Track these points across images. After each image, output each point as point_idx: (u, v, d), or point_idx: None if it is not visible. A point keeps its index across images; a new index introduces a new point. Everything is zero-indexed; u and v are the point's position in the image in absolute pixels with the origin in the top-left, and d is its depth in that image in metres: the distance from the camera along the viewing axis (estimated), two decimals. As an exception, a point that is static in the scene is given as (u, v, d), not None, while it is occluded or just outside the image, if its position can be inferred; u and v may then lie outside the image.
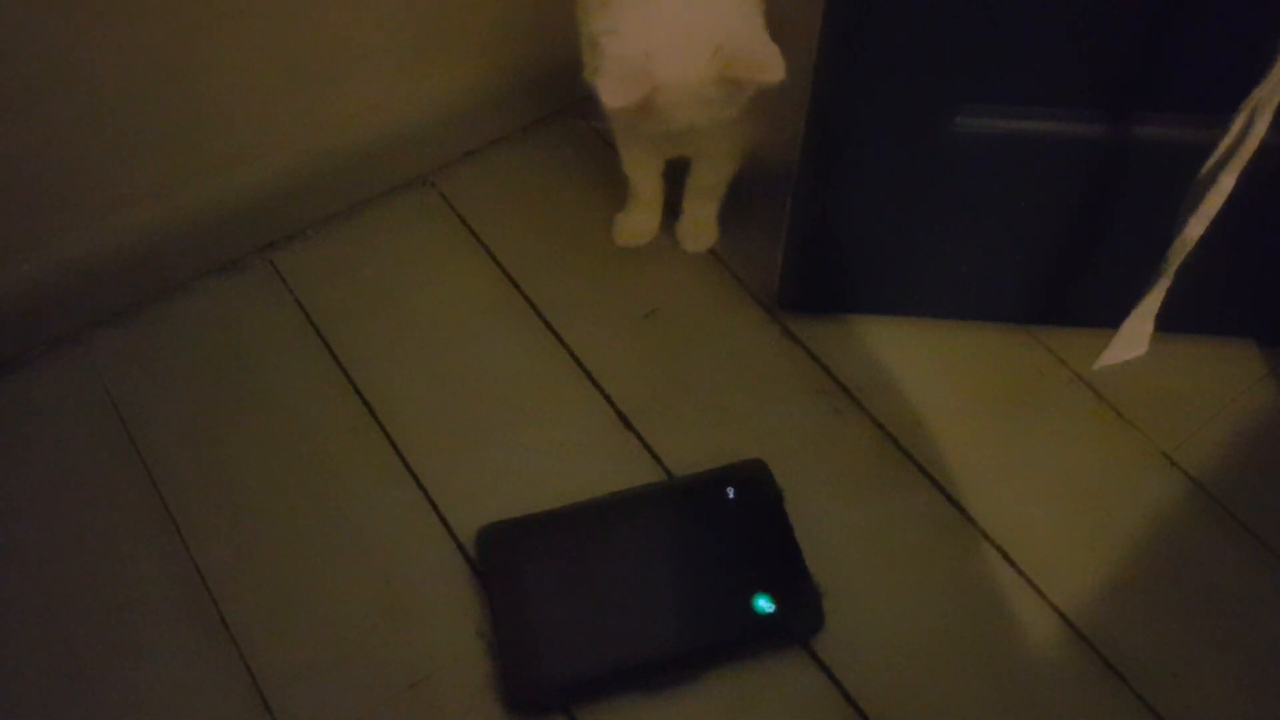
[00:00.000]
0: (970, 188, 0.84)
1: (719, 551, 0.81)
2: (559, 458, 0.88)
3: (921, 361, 0.93)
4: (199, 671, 0.79)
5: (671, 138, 0.90)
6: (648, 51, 0.75)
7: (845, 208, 0.87)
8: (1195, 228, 0.71)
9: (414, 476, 0.87)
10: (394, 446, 0.89)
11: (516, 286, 0.98)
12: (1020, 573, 0.83)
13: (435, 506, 0.86)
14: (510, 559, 0.82)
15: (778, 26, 0.78)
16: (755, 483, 0.84)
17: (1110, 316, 0.86)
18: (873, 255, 0.91)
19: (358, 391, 0.92)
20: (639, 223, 1.00)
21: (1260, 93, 0.65)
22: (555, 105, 1.08)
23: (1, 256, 0.89)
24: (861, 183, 0.85)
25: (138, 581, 0.83)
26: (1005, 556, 0.84)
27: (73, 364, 0.93)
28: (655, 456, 0.88)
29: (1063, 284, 0.92)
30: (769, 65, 0.75)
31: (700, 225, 0.99)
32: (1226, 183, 0.68)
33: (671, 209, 1.00)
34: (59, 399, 0.91)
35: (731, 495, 0.83)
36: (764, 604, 0.79)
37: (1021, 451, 0.89)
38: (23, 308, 0.92)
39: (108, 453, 0.88)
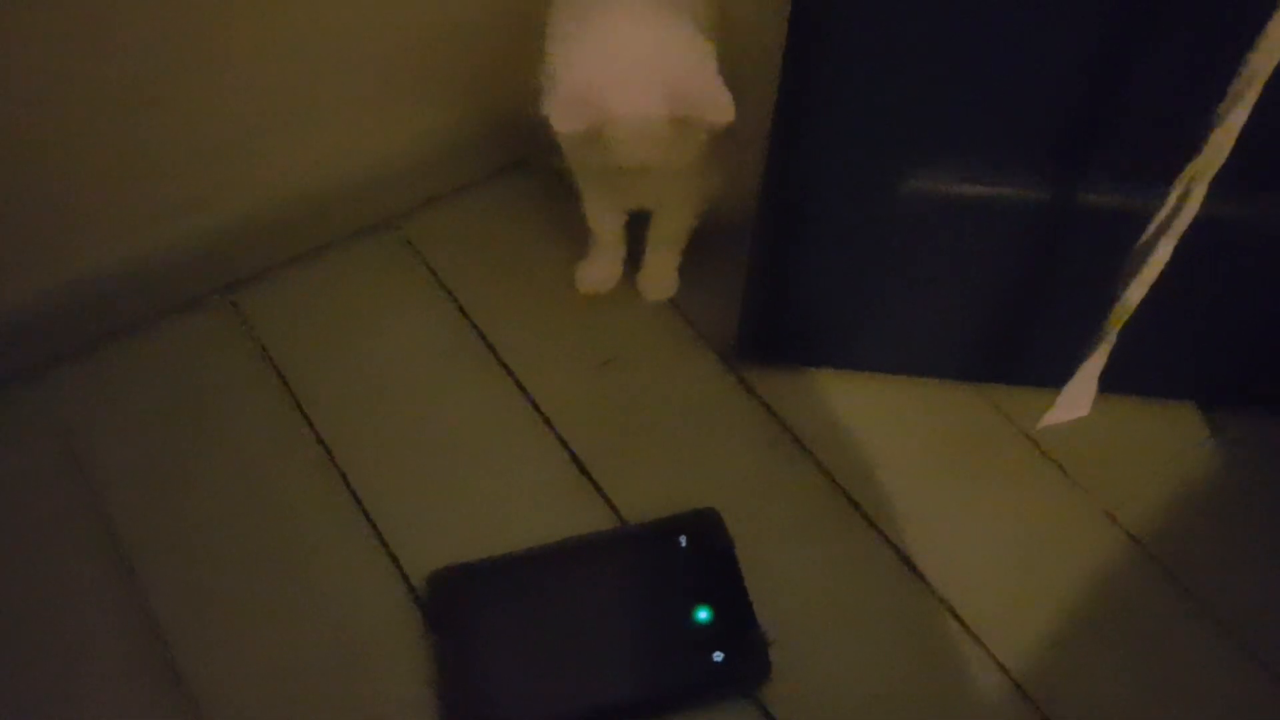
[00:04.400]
0: (920, 248, 0.86)
1: (670, 600, 0.82)
2: (515, 503, 0.89)
3: (874, 415, 0.95)
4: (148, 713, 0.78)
5: (630, 185, 0.92)
6: (600, 83, 0.78)
7: (801, 263, 0.89)
8: (1135, 293, 0.73)
9: (369, 520, 0.88)
10: (350, 490, 0.89)
11: (478, 332, 0.99)
12: (965, 626, 0.84)
13: (389, 549, 0.86)
14: (460, 604, 0.82)
15: (735, 82, 0.80)
16: (707, 531, 0.85)
17: (1056, 375, 0.88)
18: (828, 310, 0.93)
19: (316, 434, 0.92)
20: (600, 271, 1.01)
21: (1195, 166, 0.68)
22: (521, 153, 1.10)
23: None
24: (816, 239, 0.87)
25: (88, 628, 0.82)
26: (951, 611, 0.85)
27: (27, 400, 0.93)
28: (610, 504, 0.89)
29: (1010, 343, 0.94)
30: (718, 106, 0.77)
31: (660, 275, 1.01)
32: (1164, 251, 0.71)
33: (633, 258, 1.02)
34: (11, 434, 0.91)
35: (683, 543, 0.84)
36: (713, 654, 0.79)
37: (969, 506, 0.90)
38: None
39: (60, 493, 0.88)
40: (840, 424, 0.94)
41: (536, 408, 0.95)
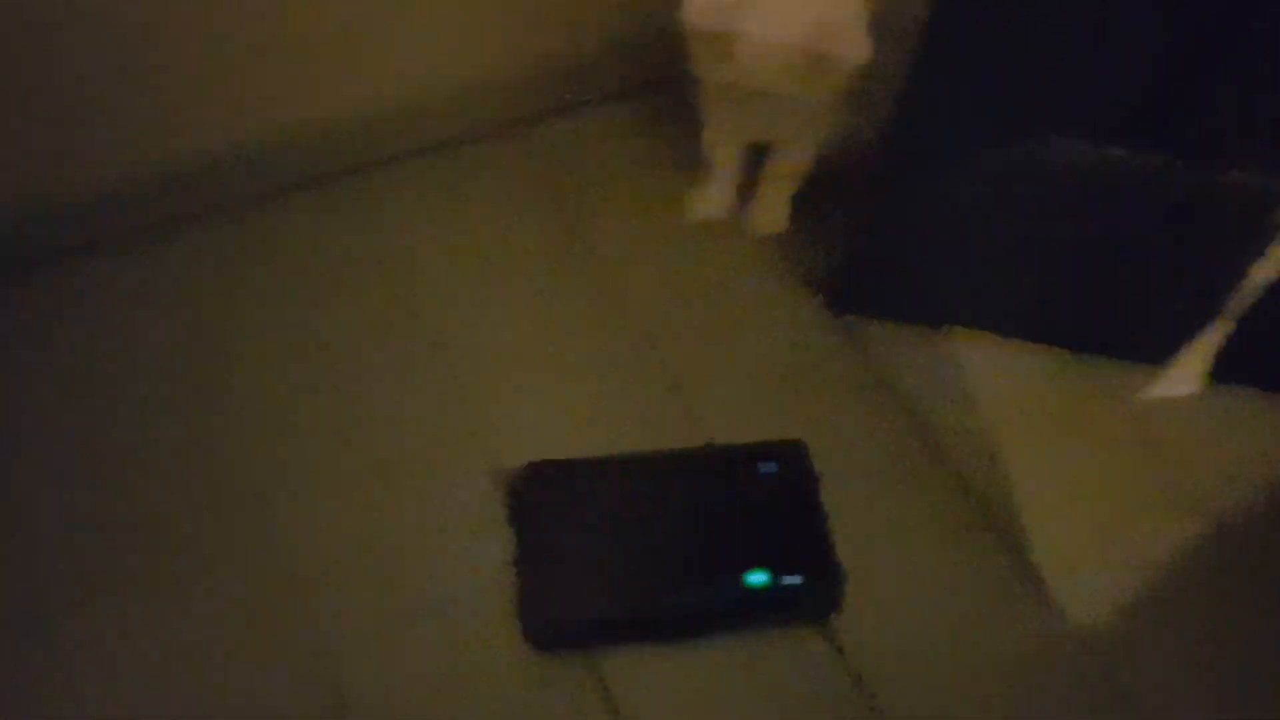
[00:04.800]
0: (1042, 212, 0.85)
1: (751, 521, 0.83)
2: (606, 411, 0.90)
3: (969, 373, 0.95)
4: (240, 570, 0.82)
5: (754, 113, 0.92)
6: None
7: (915, 217, 0.89)
8: (1263, 273, 0.72)
9: (463, 407, 0.90)
10: (447, 374, 0.91)
11: (587, 244, 1.00)
12: (1041, 587, 0.84)
13: (479, 435, 0.88)
14: (547, 498, 0.84)
15: (875, 27, 0.80)
16: (794, 461, 0.86)
17: (1163, 354, 0.88)
18: (935, 265, 0.93)
19: (419, 319, 0.94)
20: (712, 200, 1.02)
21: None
22: (646, 76, 1.10)
23: (90, 153, 0.92)
24: (935, 194, 0.86)
25: (185, 477, 0.86)
26: (1030, 571, 0.85)
27: (156, 259, 0.97)
28: (698, 424, 0.90)
29: (1118, 315, 0.93)
30: (855, 47, 0.77)
31: (771, 210, 1.01)
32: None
33: (745, 193, 1.02)
34: (146, 293, 0.95)
35: (769, 470, 0.85)
36: (789, 579, 0.80)
37: (1056, 471, 0.90)
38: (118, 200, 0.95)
39: (187, 349, 0.92)
40: (936, 378, 0.94)
41: (635, 323, 0.96)
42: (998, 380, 0.95)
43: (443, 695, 0.77)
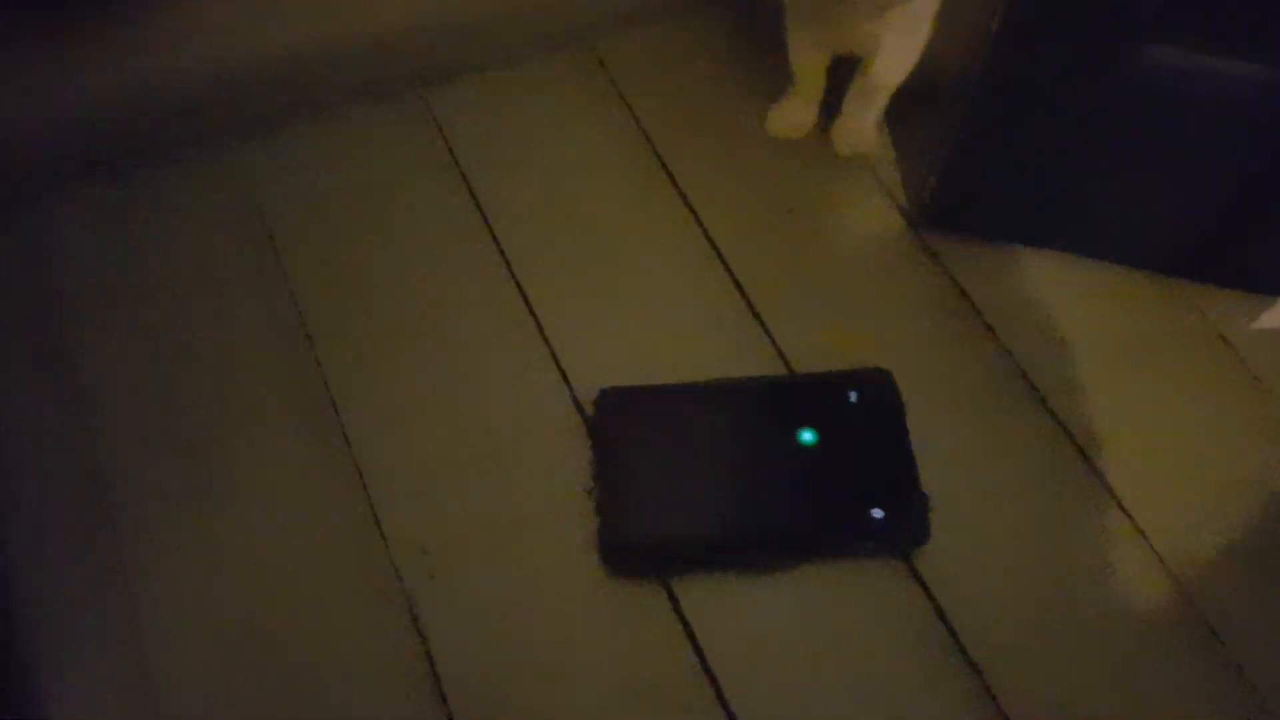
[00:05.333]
0: (1147, 127, 0.81)
1: (833, 451, 0.81)
2: (683, 335, 0.88)
3: (1062, 298, 0.91)
4: (314, 479, 0.81)
5: (842, 22, 0.87)
6: None
7: (1010, 132, 0.84)
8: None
9: (539, 328, 0.88)
10: (525, 299, 0.89)
11: (661, 161, 0.97)
12: (1134, 524, 0.81)
13: (556, 359, 0.86)
14: (625, 425, 0.82)
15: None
16: (878, 391, 0.83)
17: (1271, 283, 0.83)
18: (1029, 183, 0.88)
19: (494, 238, 0.92)
20: (794, 116, 0.98)
21: None
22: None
23: (161, 49, 0.90)
24: (1034, 108, 0.82)
25: (264, 388, 0.85)
26: (1120, 505, 0.82)
27: (222, 169, 0.95)
28: (779, 350, 0.88)
29: (1223, 241, 0.88)
30: None
31: (857, 129, 0.97)
32: None
33: (829, 109, 0.98)
34: (208, 200, 0.93)
35: (853, 399, 0.83)
36: (873, 510, 0.78)
37: (1151, 403, 0.86)
38: (179, 105, 0.93)
39: (250, 257, 0.91)
40: (1025, 302, 0.91)
41: (713, 244, 0.93)
42: (1091, 306, 0.91)
43: (516, 617, 0.77)
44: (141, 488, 0.80)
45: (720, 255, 0.92)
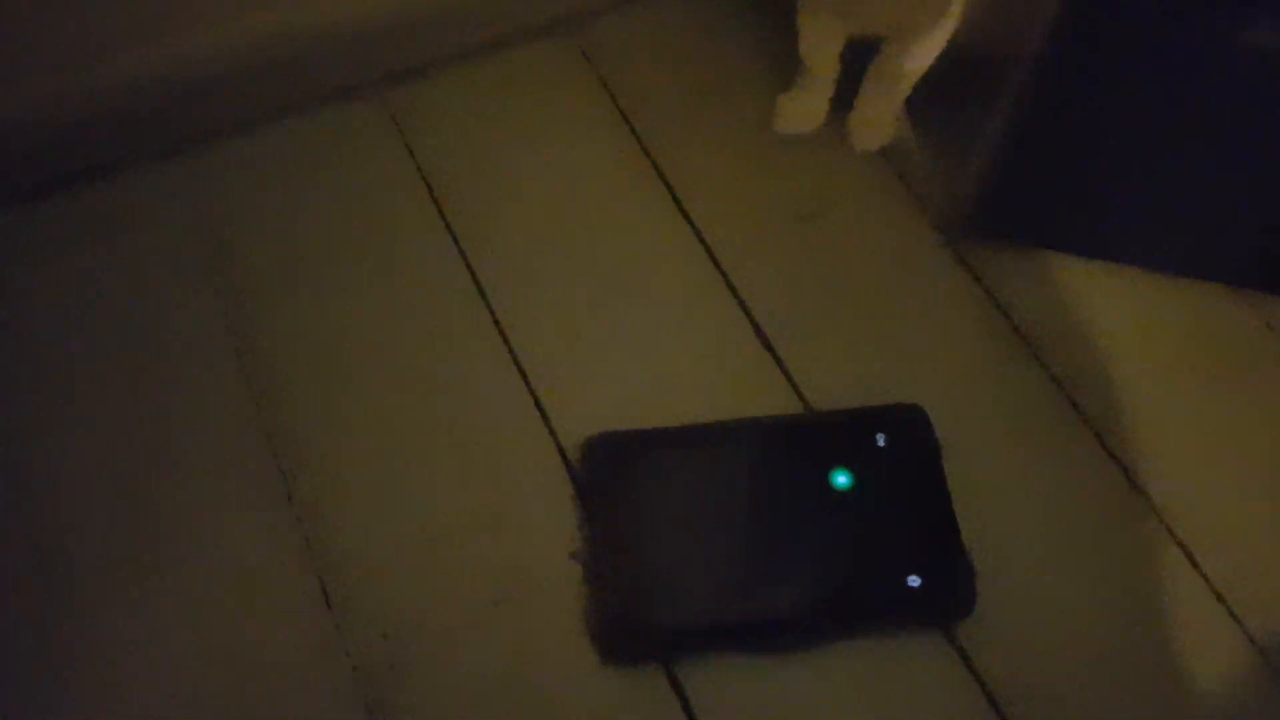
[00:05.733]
0: (1232, 118, 0.71)
1: (860, 507, 0.70)
2: (684, 370, 0.78)
3: (1116, 313, 0.81)
4: (264, 541, 0.71)
5: (870, 2, 0.78)
6: None
7: (1072, 125, 0.74)
8: None
9: (518, 366, 0.77)
10: (499, 329, 0.79)
11: (655, 166, 0.87)
12: (1205, 578, 0.71)
13: (538, 403, 0.76)
14: (619, 478, 0.71)
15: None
16: (911, 431, 0.73)
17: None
18: (1088, 186, 0.78)
19: (465, 260, 0.82)
20: (806, 107, 0.87)
21: None
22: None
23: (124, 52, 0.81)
24: (1101, 97, 0.71)
25: (209, 442, 0.75)
26: (1189, 556, 0.72)
27: (167, 175, 0.85)
28: (795, 385, 0.77)
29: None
30: None
31: (876, 119, 0.87)
32: None
33: (844, 99, 0.87)
34: (151, 211, 0.84)
35: (881, 443, 0.72)
36: (909, 577, 0.68)
37: (1223, 434, 0.76)
38: (124, 113, 0.84)
39: (190, 278, 0.81)
40: (1075, 319, 0.81)
41: (716, 263, 0.83)
42: (1153, 325, 0.80)
43: (491, 711, 0.66)
44: (79, 537, 0.71)
45: (723, 272, 0.82)
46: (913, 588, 0.67)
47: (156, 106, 0.84)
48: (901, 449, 0.72)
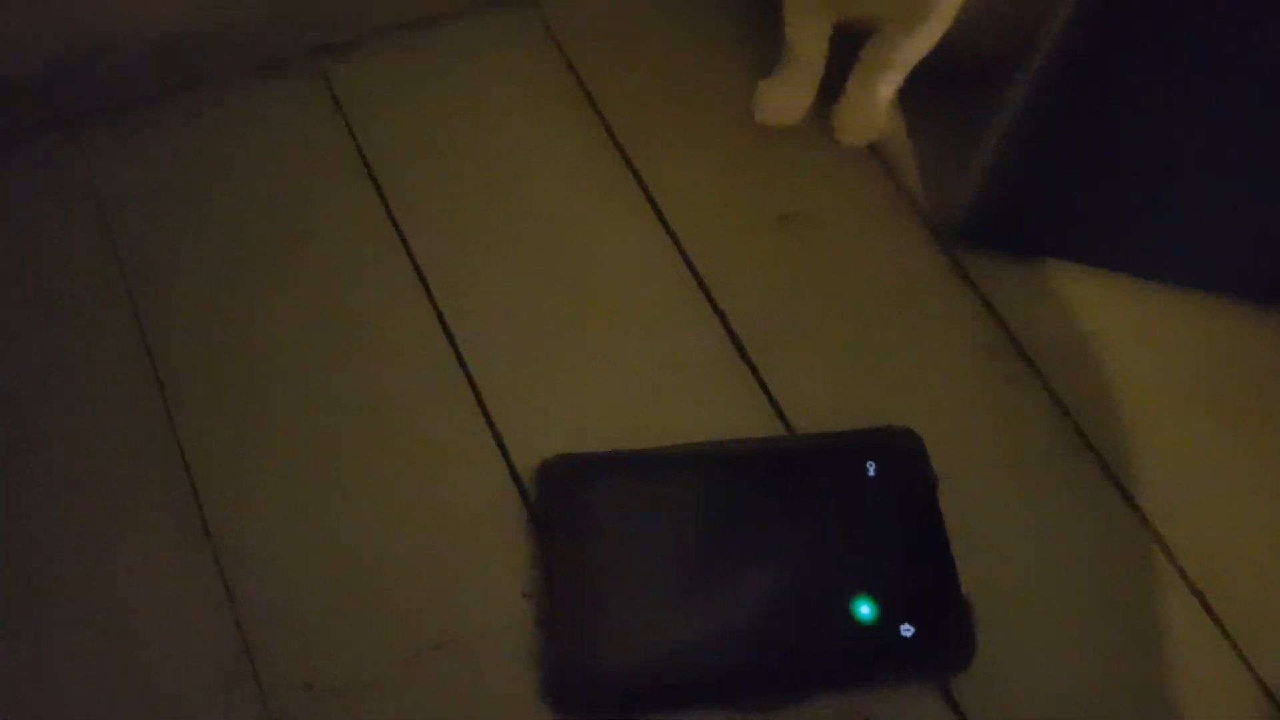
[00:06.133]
0: (1247, 121, 0.67)
1: (848, 544, 0.65)
2: (652, 385, 0.72)
3: (1125, 329, 0.76)
4: (175, 579, 0.64)
5: None
6: None
7: (1082, 125, 0.69)
8: None
9: (469, 379, 0.71)
10: (449, 338, 0.73)
11: (625, 158, 0.81)
12: (1221, 628, 0.67)
13: (490, 420, 0.70)
14: (578, 506, 0.65)
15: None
16: (904, 459, 0.67)
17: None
18: (1098, 190, 0.74)
19: (411, 257, 0.76)
20: (789, 96, 0.82)
21: None
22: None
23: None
24: (1110, 97, 0.67)
25: (122, 469, 0.68)
26: (1204, 603, 0.67)
27: (65, 155, 0.78)
28: (775, 404, 0.72)
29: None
30: None
31: (865, 112, 0.81)
32: None
33: (830, 90, 0.81)
34: (44, 192, 0.77)
35: (871, 472, 0.66)
36: (901, 626, 0.62)
37: (1239, 465, 0.72)
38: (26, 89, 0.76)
39: (94, 270, 0.74)
40: (1081, 337, 0.76)
41: (690, 266, 0.77)
42: (1165, 342, 0.76)
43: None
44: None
45: (697, 277, 0.76)
46: (905, 637, 0.62)
47: (71, 76, 0.77)
48: (893, 480, 0.66)
